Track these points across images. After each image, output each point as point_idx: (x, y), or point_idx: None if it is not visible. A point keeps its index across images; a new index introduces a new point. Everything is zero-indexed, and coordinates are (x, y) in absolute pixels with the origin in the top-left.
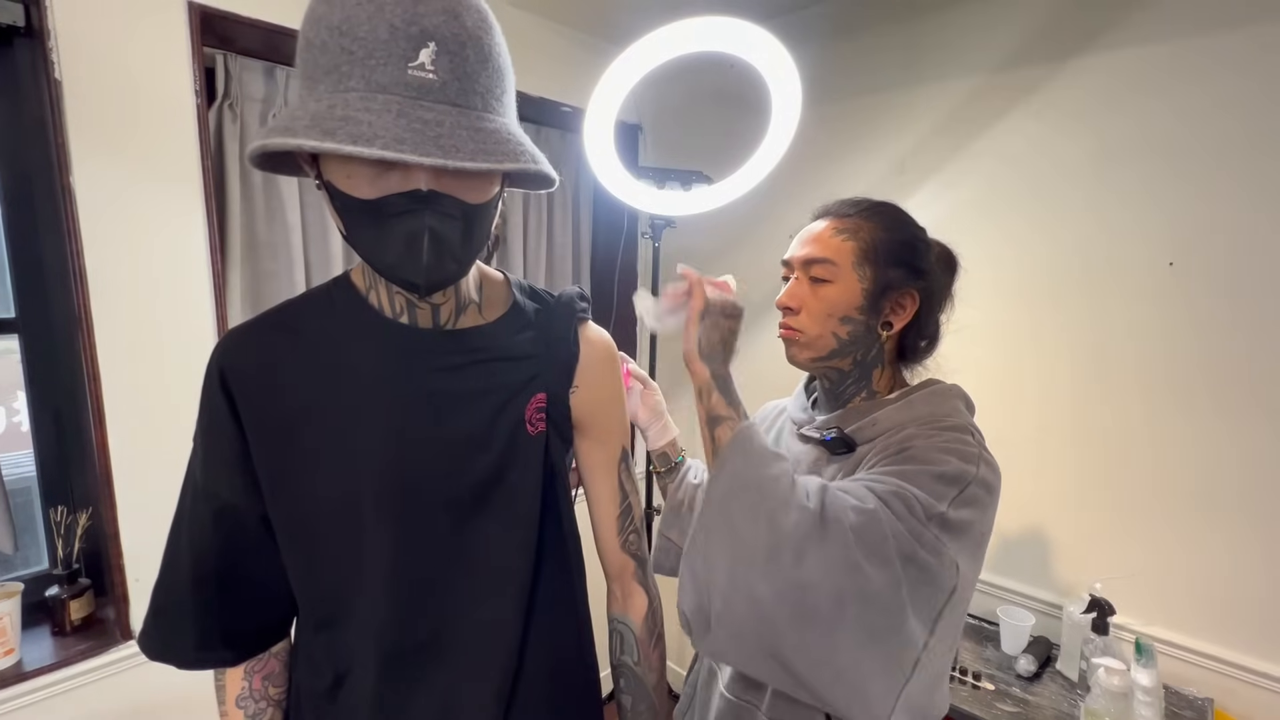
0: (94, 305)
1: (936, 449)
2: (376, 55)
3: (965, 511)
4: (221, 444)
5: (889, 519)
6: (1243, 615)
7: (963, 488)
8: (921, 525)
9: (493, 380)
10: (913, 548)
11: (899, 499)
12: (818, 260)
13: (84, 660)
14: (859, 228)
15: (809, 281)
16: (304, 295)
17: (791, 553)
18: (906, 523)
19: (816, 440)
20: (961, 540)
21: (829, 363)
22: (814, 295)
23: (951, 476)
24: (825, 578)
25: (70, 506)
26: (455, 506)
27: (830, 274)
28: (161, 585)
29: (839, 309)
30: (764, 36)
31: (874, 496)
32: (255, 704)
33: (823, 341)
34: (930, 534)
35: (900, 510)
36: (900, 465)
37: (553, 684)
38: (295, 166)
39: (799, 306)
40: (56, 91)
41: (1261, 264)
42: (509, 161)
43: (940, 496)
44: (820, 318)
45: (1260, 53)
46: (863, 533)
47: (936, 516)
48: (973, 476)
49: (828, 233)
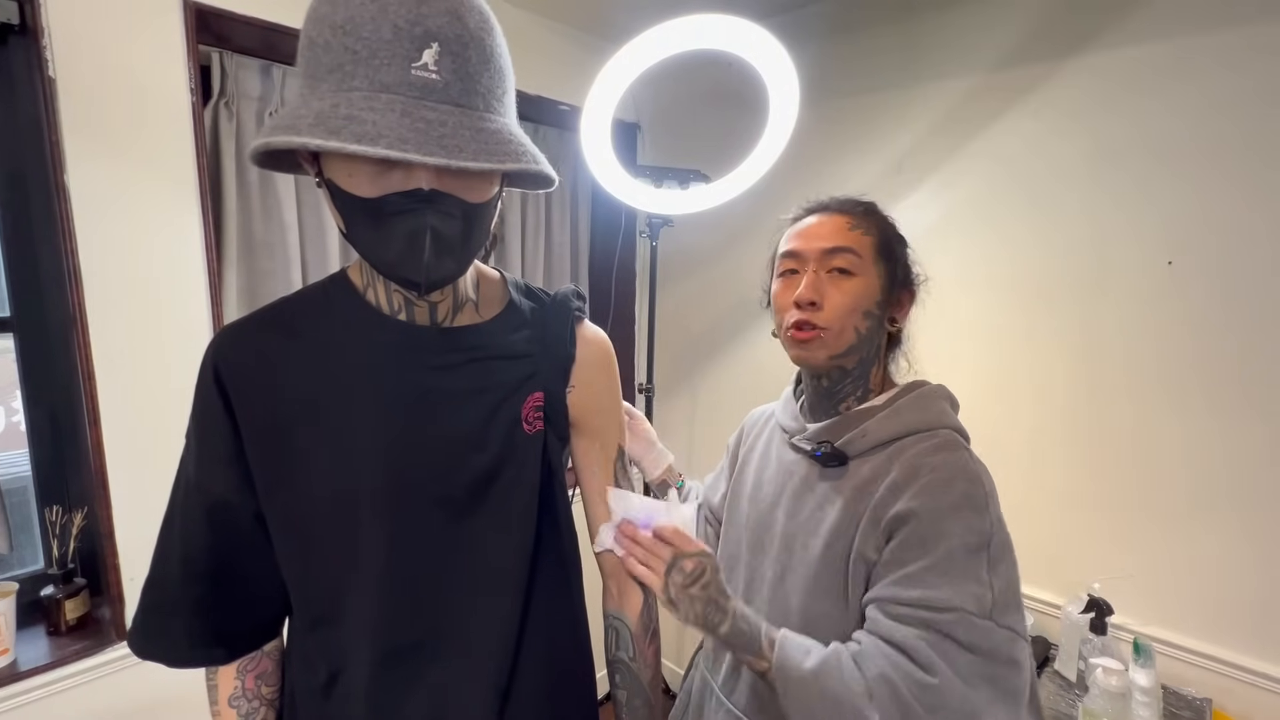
0: (89, 304)
1: (949, 511)
2: (380, 55)
3: (1001, 568)
4: (215, 440)
5: (960, 664)
6: (1240, 615)
7: (988, 545)
8: (993, 635)
9: (489, 379)
10: (990, 670)
11: (961, 626)
12: (844, 249)
13: (79, 660)
14: (869, 224)
15: (828, 274)
16: (300, 292)
17: None
18: (978, 647)
19: (807, 453)
20: (1012, 599)
21: (842, 360)
22: (837, 288)
23: (977, 544)
24: None
25: (65, 506)
26: (451, 504)
27: (855, 265)
28: (152, 582)
29: (862, 302)
30: (762, 35)
31: (935, 648)
32: (248, 703)
33: (844, 337)
34: (1001, 637)
35: (966, 638)
36: (926, 556)
37: (549, 680)
38: (295, 164)
39: (822, 300)
40: (51, 89)
41: (1256, 264)
42: (511, 162)
43: (978, 574)
44: (844, 311)
45: (1256, 53)
46: (936, 710)
47: (991, 605)
48: (991, 526)
49: (845, 225)
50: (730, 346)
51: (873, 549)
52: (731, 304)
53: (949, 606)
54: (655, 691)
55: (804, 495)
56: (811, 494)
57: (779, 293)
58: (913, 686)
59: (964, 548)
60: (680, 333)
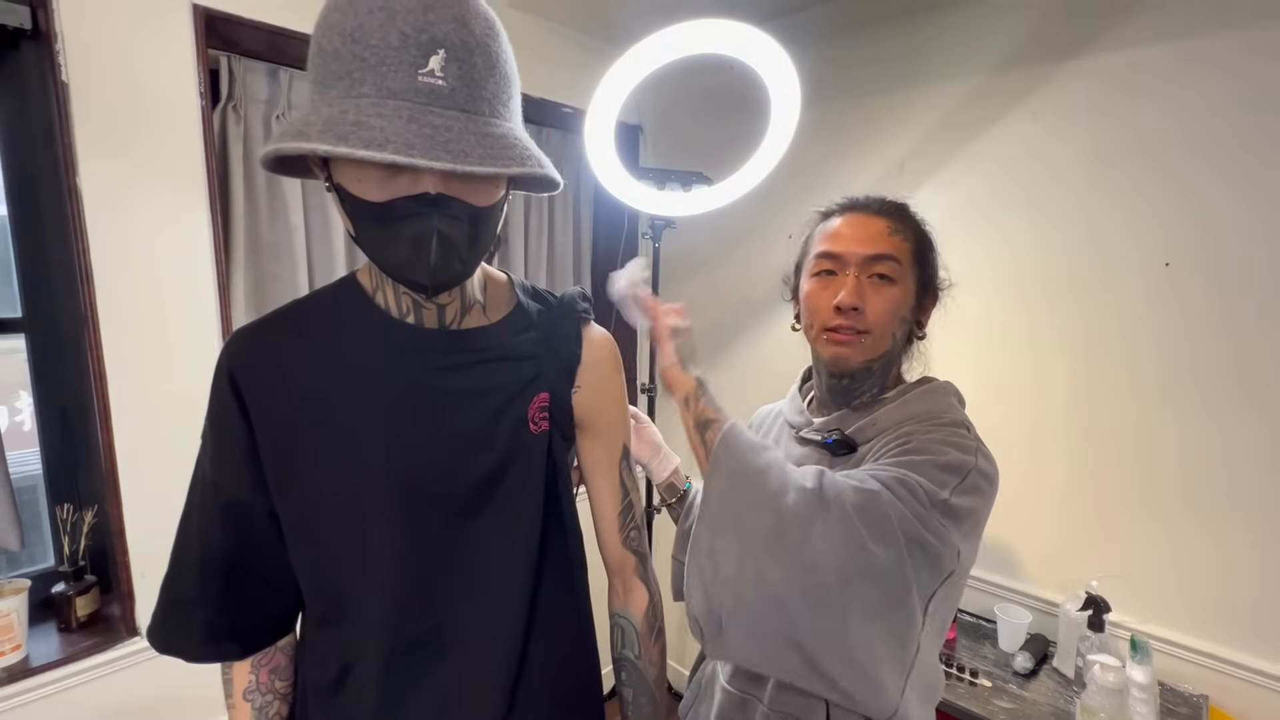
0: (100, 305)
1: (936, 441)
2: (388, 62)
3: (967, 499)
4: (230, 441)
5: (891, 500)
6: (1238, 612)
7: (964, 476)
8: (925, 510)
9: (496, 380)
10: (916, 529)
11: (902, 485)
12: (887, 257)
13: (90, 656)
14: (905, 228)
15: (869, 279)
16: (311, 295)
17: (797, 530)
18: (910, 506)
19: (817, 443)
20: (962, 526)
21: (874, 363)
22: (879, 294)
23: (953, 466)
24: (831, 554)
25: (76, 504)
26: (457, 504)
27: (896, 273)
28: (170, 580)
29: (901, 309)
30: (764, 39)
31: (876, 480)
32: (262, 697)
33: (882, 343)
34: (934, 519)
35: (904, 495)
36: (902, 456)
37: (555, 678)
38: (305, 169)
39: (864, 305)
40: (63, 94)
41: (1255, 264)
42: (516, 166)
43: (943, 484)
44: (886, 317)
45: (1254, 55)
46: (864, 511)
47: (940, 503)
48: (972, 466)
49: (885, 229)
50: (732, 347)
51: None
52: (734, 305)
53: (903, 474)
54: (660, 689)
55: None
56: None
57: (814, 292)
58: (848, 485)
59: (940, 464)
60: None
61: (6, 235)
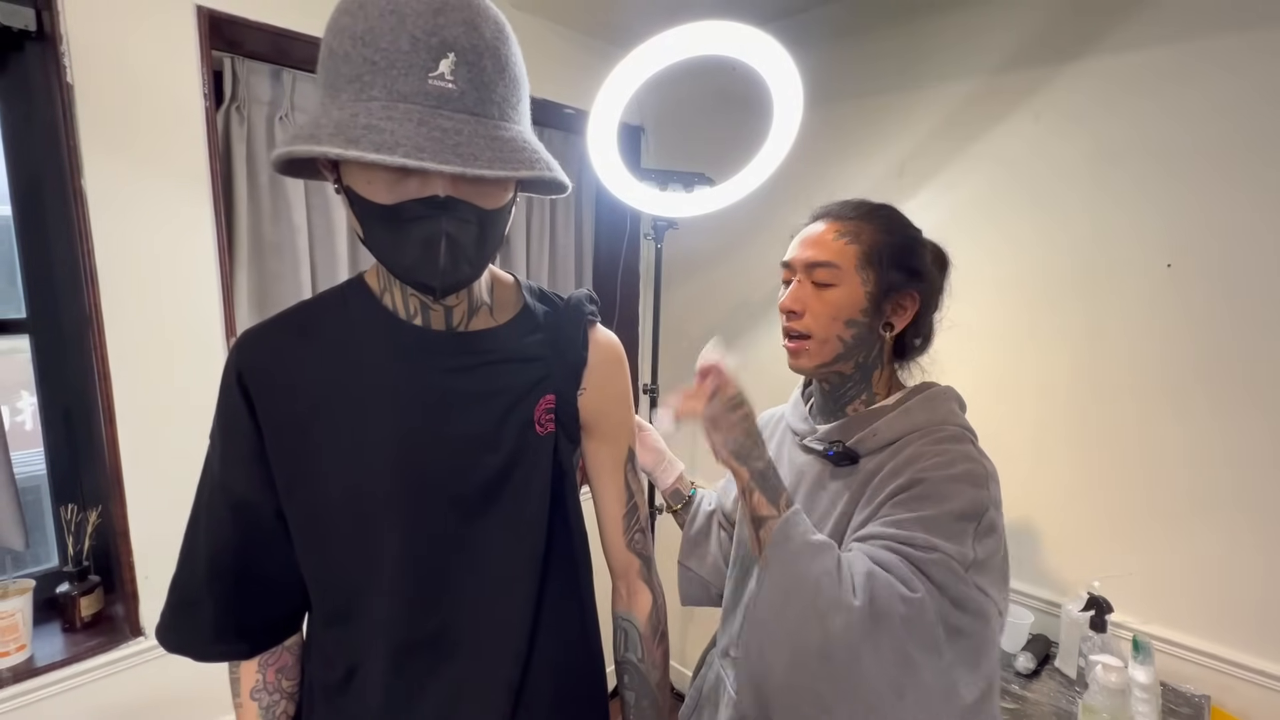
0: (104, 305)
1: (949, 480)
2: (398, 65)
3: (989, 541)
4: (239, 441)
5: (935, 601)
6: (1239, 613)
7: (980, 517)
8: (965, 585)
9: (502, 381)
10: (958, 619)
11: (941, 568)
12: (821, 264)
13: (94, 656)
14: (860, 230)
15: (812, 285)
16: (319, 296)
17: (846, 652)
18: (951, 591)
19: (819, 453)
20: (992, 571)
21: (833, 367)
22: (818, 298)
23: (970, 512)
24: (881, 673)
25: (80, 504)
26: (464, 504)
27: (834, 277)
28: (178, 579)
29: (843, 312)
30: (766, 41)
31: (918, 577)
32: (269, 696)
33: (829, 347)
34: (973, 592)
35: (943, 578)
36: (919, 510)
37: (559, 679)
38: (315, 171)
39: (803, 309)
40: (68, 95)
41: (1257, 265)
42: (525, 169)
43: (964, 538)
44: (825, 321)
45: (1256, 56)
46: (913, 625)
47: (972, 565)
48: (987, 501)
49: (829, 235)
50: (734, 347)
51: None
52: (735, 306)
53: (931, 546)
54: (663, 692)
55: (817, 494)
56: (824, 492)
57: (779, 299)
58: (894, 596)
59: (955, 513)
60: (684, 334)
61: (11, 236)
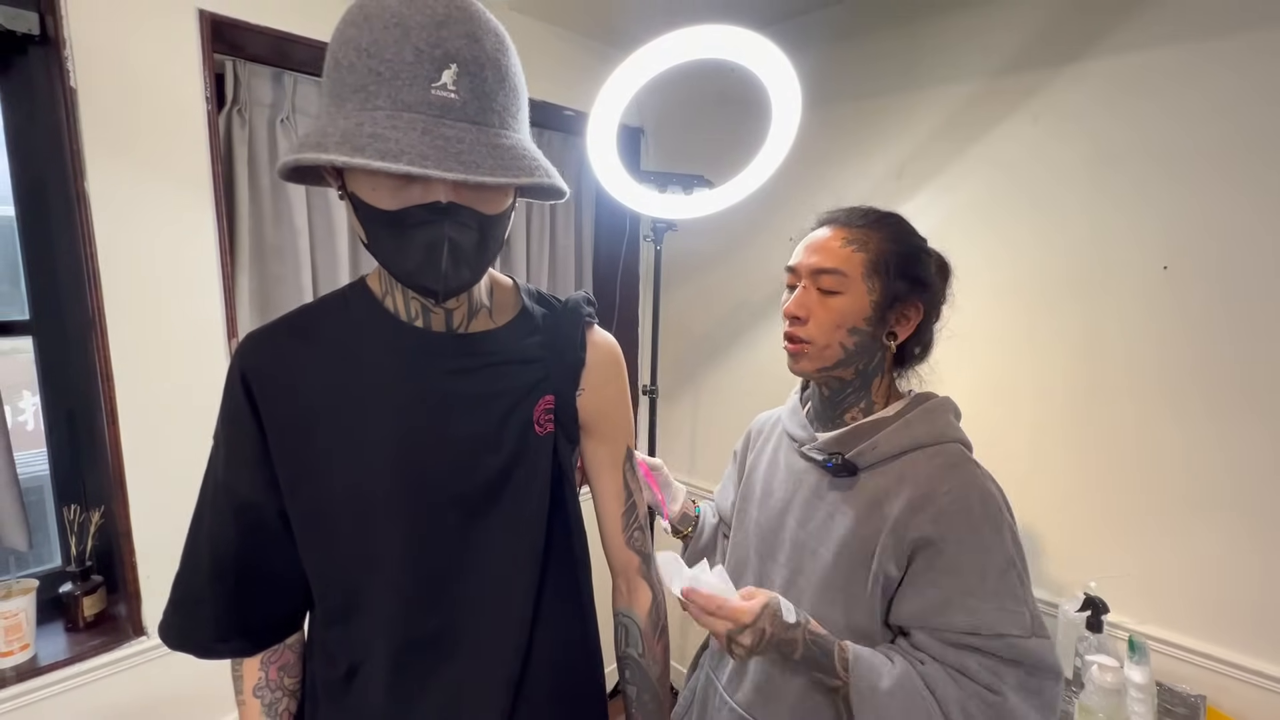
0: (107, 307)
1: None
2: (402, 76)
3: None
4: (242, 442)
5: (1016, 686)
6: (1235, 613)
7: (1015, 563)
8: (1032, 649)
9: (502, 383)
10: (1038, 683)
11: (1013, 650)
12: (828, 270)
13: (97, 655)
14: (868, 239)
15: (817, 291)
16: (321, 300)
17: None
18: (1026, 663)
19: (818, 462)
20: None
21: (833, 372)
22: (823, 305)
23: (1005, 565)
24: None
25: (83, 505)
26: (465, 504)
27: (840, 285)
28: (182, 578)
29: (848, 320)
30: (765, 45)
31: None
32: (271, 693)
33: (830, 352)
34: (1043, 644)
35: (1016, 657)
36: (964, 578)
37: (559, 676)
38: (320, 178)
39: (807, 316)
40: (72, 99)
41: (1255, 267)
42: (525, 176)
43: (1015, 594)
44: (829, 328)
45: (1256, 57)
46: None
47: (1030, 621)
48: (1011, 542)
49: (836, 242)
50: (733, 349)
51: (894, 567)
52: (734, 307)
53: (996, 633)
54: (664, 687)
55: (814, 503)
56: (822, 502)
57: (783, 304)
58: (981, 706)
59: (995, 570)
60: (683, 336)
61: (15, 238)
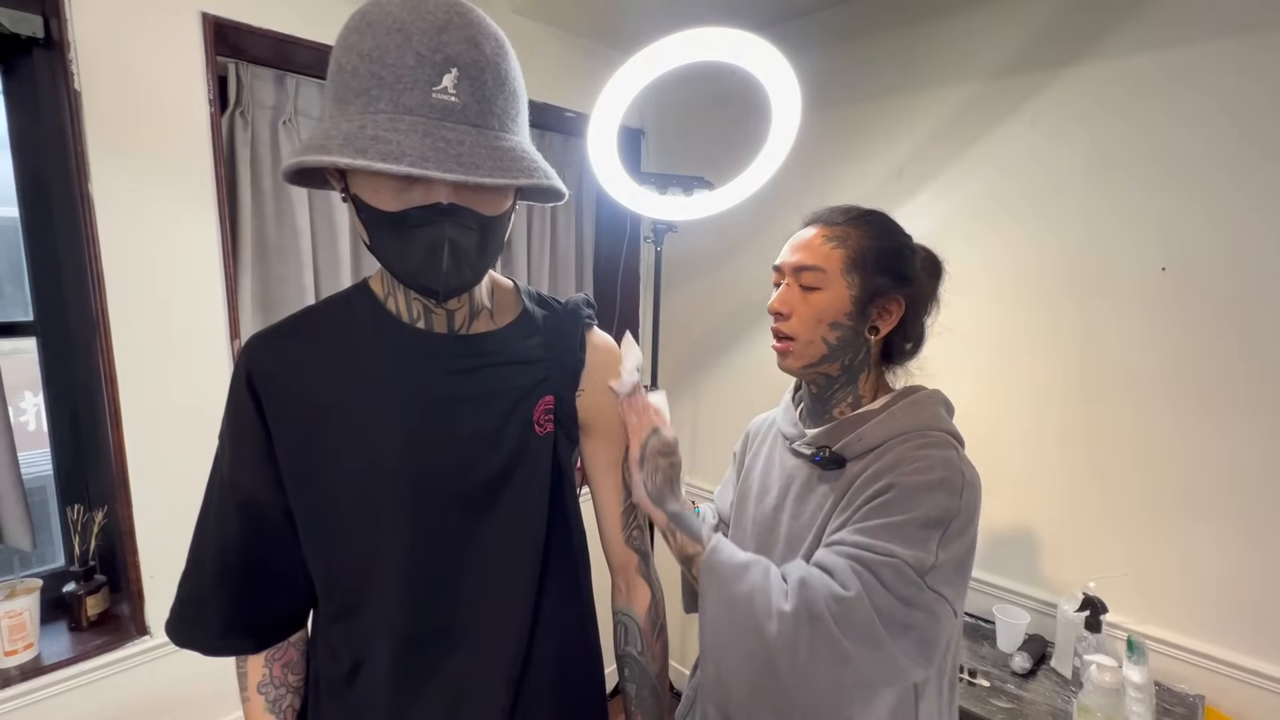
0: (111, 308)
1: (922, 487)
2: (404, 80)
3: (952, 547)
4: (247, 442)
5: (878, 595)
6: (1234, 613)
7: (947, 525)
8: (917, 588)
9: (503, 383)
10: (907, 616)
11: (890, 569)
12: (807, 267)
13: (100, 655)
14: (847, 235)
15: (799, 288)
16: (325, 301)
17: (787, 657)
18: (900, 591)
19: (807, 457)
20: (956, 577)
21: (819, 368)
22: (804, 301)
23: (938, 519)
24: (820, 671)
25: (87, 505)
26: (466, 503)
27: (819, 281)
28: (187, 576)
29: (828, 314)
30: (765, 48)
31: (859, 575)
32: (275, 690)
33: (813, 348)
34: (926, 594)
35: (892, 580)
36: (888, 516)
37: (560, 673)
38: (323, 180)
39: (789, 312)
40: (75, 101)
41: (1253, 267)
42: (524, 177)
43: (927, 544)
44: (810, 323)
45: (1255, 57)
46: (844, 621)
47: (930, 570)
48: (957, 510)
49: (817, 240)
50: (733, 349)
51: (845, 524)
52: (734, 308)
53: (888, 553)
54: (663, 684)
55: (805, 497)
56: (812, 495)
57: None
58: (827, 596)
59: (924, 520)
60: (684, 336)
61: (19, 239)
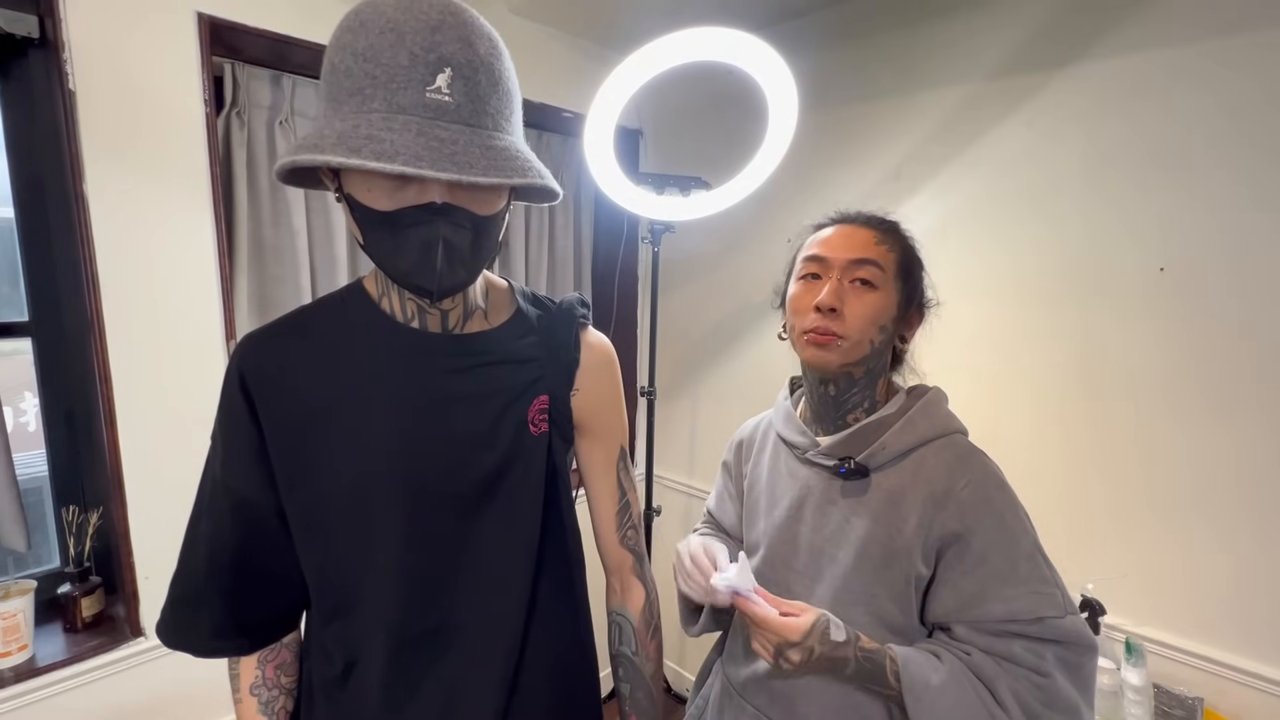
0: (106, 309)
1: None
2: (397, 80)
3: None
4: (240, 442)
5: (1060, 664)
6: (1232, 616)
7: (1038, 546)
8: (1067, 627)
9: (497, 382)
10: (1077, 658)
11: (1048, 629)
12: (870, 261)
13: (95, 656)
14: (894, 242)
15: (850, 284)
16: (319, 301)
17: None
18: (1065, 640)
19: (827, 468)
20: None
21: (853, 368)
22: (859, 299)
23: (1031, 547)
24: None
25: (82, 506)
26: (461, 502)
27: (878, 279)
28: (179, 576)
29: (880, 316)
30: (762, 48)
31: (1041, 655)
32: (268, 691)
33: (860, 349)
34: (1076, 620)
35: (1055, 636)
36: (996, 566)
37: (554, 673)
38: (316, 180)
39: (843, 308)
40: (71, 101)
41: (1251, 267)
42: (518, 176)
43: (1044, 577)
44: (864, 323)
45: (1254, 56)
46: (1055, 703)
47: (1063, 600)
48: (1028, 524)
49: (872, 239)
50: (731, 350)
51: (924, 566)
52: (732, 308)
53: (1034, 617)
54: (657, 685)
55: (826, 509)
56: (834, 507)
57: (798, 295)
58: (1030, 688)
59: (1023, 555)
60: (682, 337)
61: (14, 240)
